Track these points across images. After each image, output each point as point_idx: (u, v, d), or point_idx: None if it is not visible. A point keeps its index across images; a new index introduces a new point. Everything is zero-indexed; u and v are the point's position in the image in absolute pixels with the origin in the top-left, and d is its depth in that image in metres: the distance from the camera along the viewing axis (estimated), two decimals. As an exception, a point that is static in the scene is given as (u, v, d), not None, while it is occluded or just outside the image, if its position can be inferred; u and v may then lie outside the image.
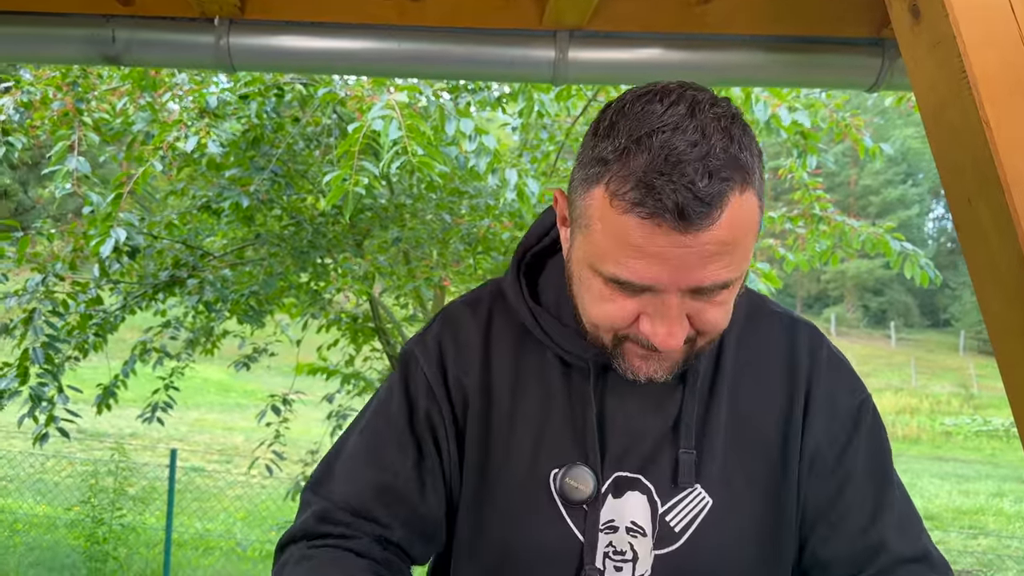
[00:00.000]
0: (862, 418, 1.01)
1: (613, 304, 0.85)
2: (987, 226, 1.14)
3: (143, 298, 4.17)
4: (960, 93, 1.11)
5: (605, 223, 0.81)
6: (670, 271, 0.79)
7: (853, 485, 0.99)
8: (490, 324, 1.03)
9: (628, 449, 0.96)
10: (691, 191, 0.75)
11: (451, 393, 1.00)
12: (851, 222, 4.09)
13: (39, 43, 1.73)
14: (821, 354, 1.02)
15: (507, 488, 0.97)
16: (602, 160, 0.81)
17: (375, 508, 0.97)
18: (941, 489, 12.93)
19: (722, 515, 0.94)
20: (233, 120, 3.32)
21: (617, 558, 0.94)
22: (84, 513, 6.66)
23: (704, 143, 0.76)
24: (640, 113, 0.80)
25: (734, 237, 0.79)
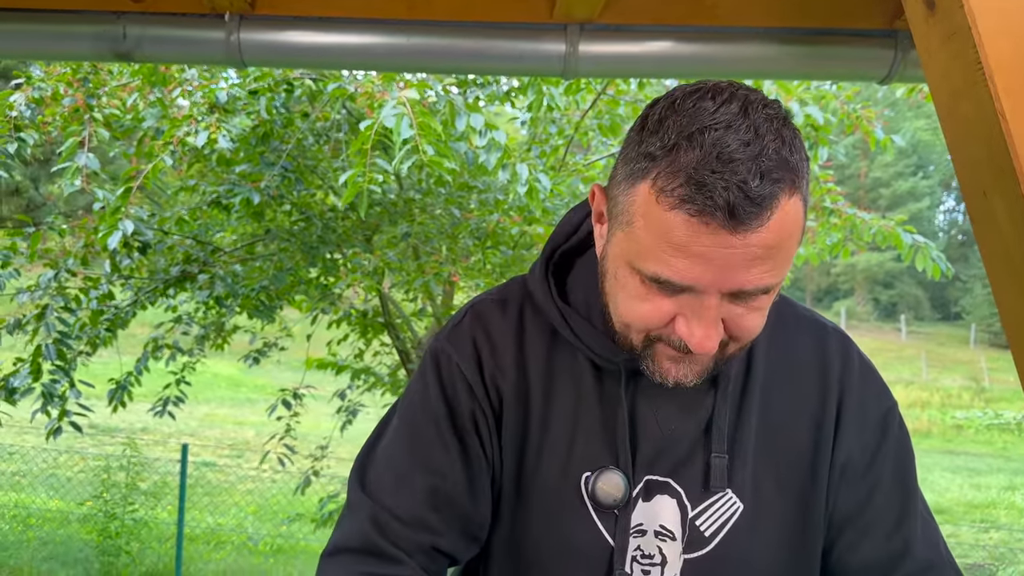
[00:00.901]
0: (890, 426, 1.01)
1: (649, 304, 0.83)
2: (1002, 219, 1.13)
3: (154, 293, 4.19)
4: (975, 84, 1.10)
5: (649, 220, 0.79)
6: (713, 272, 0.77)
7: (881, 492, 0.99)
8: (522, 325, 1.01)
9: (659, 452, 0.95)
10: (743, 191, 0.74)
11: (489, 392, 0.98)
12: (862, 215, 4.07)
13: (51, 40, 1.73)
14: (852, 361, 1.02)
15: (539, 490, 0.96)
16: (650, 156, 0.79)
17: (428, 515, 0.95)
18: (952, 483, 12.88)
19: (753, 520, 0.94)
20: (243, 116, 3.33)
21: (645, 562, 0.94)
22: (97, 508, 6.70)
23: (757, 143, 0.75)
24: (691, 110, 0.78)
25: (780, 241, 0.77)
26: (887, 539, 0.98)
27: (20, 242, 3.70)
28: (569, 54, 1.73)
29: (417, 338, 5.16)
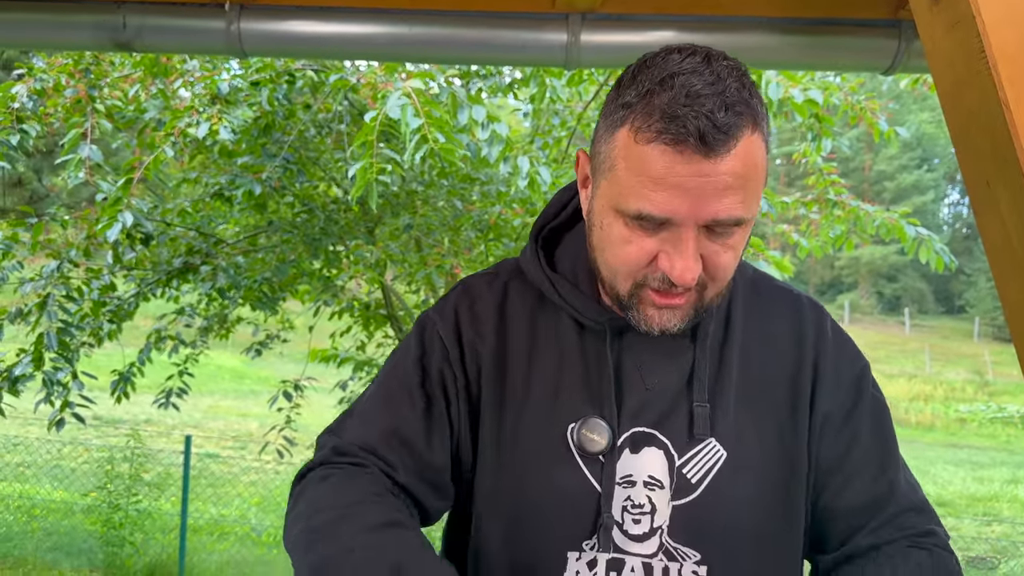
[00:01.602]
0: (864, 384, 1.08)
1: (633, 245, 0.91)
2: (1005, 209, 1.12)
3: (156, 285, 4.20)
4: (979, 74, 1.09)
5: (629, 159, 0.88)
6: (690, 202, 0.86)
7: (861, 443, 1.05)
8: (506, 295, 1.09)
9: (644, 405, 1.00)
10: (710, 120, 0.83)
11: (465, 357, 1.05)
12: (866, 207, 4.05)
13: (51, 29, 1.73)
14: (826, 327, 1.09)
15: (526, 444, 1.01)
16: (626, 104, 0.88)
17: (382, 448, 1.02)
18: (955, 476, 12.88)
19: (736, 467, 0.99)
20: (244, 107, 3.32)
21: (635, 511, 0.98)
22: (100, 499, 6.72)
23: (720, 83, 0.85)
24: (661, 63, 0.88)
25: (746, 171, 0.86)
26: (872, 483, 1.04)
27: (22, 233, 3.70)
28: (571, 44, 1.72)
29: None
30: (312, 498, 0.98)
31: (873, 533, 1.03)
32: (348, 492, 0.96)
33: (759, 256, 3.32)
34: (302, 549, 0.94)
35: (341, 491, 0.97)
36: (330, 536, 0.92)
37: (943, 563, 1.00)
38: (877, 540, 1.02)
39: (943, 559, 1.01)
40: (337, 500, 0.95)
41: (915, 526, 1.03)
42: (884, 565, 0.99)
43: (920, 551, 1.01)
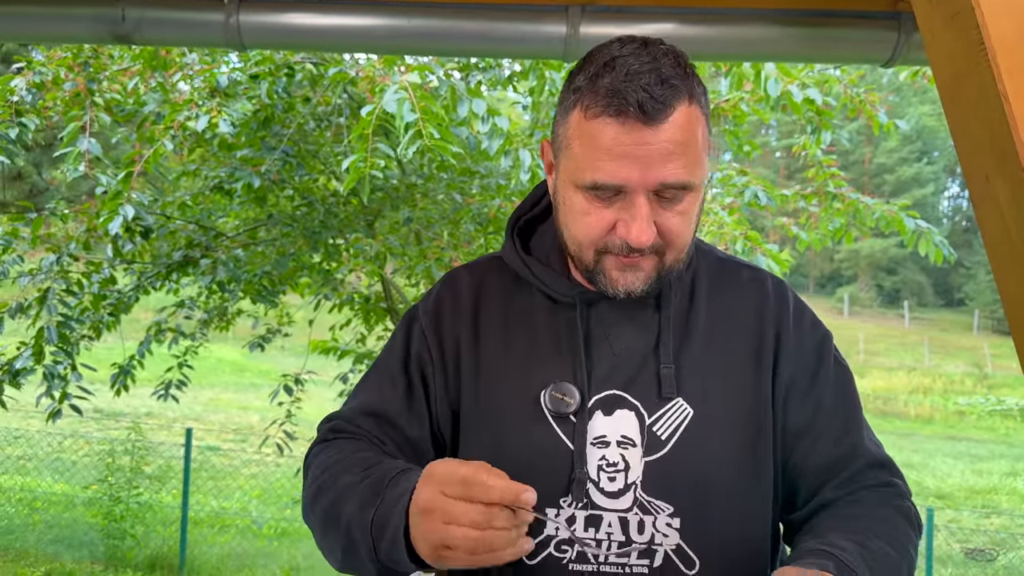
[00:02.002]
0: (826, 352, 1.16)
1: (593, 215, 1.01)
2: (1004, 201, 1.12)
3: (156, 278, 4.19)
4: (978, 65, 1.09)
5: (581, 135, 0.99)
6: (638, 169, 0.96)
7: (826, 405, 1.13)
8: (483, 279, 1.20)
9: (613, 369, 1.09)
10: (648, 92, 0.95)
11: (444, 343, 1.15)
12: (865, 200, 4.04)
13: (50, 22, 1.73)
14: (787, 301, 1.17)
15: (503, 408, 1.10)
16: (576, 88, 1.01)
17: (369, 425, 1.15)
18: (954, 468, 12.90)
19: (702, 423, 1.06)
20: (244, 100, 3.31)
21: (610, 469, 1.05)
22: (102, 492, 6.74)
23: (655, 63, 0.97)
24: (605, 51, 1.01)
25: (686, 138, 0.97)
26: (836, 444, 1.12)
27: (22, 227, 3.70)
28: (570, 36, 1.72)
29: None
30: (315, 468, 1.11)
31: (839, 487, 1.11)
32: (342, 453, 1.09)
33: (756, 250, 3.32)
34: (308, 512, 1.08)
35: (336, 455, 1.09)
36: (326, 489, 1.05)
37: (900, 507, 1.09)
38: (842, 492, 1.11)
39: (902, 506, 1.10)
40: (332, 462, 1.08)
41: (877, 478, 1.12)
42: (849, 506, 1.09)
43: (880, 495, 1.10)
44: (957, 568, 7.94)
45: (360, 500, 0.99)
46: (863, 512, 1.08)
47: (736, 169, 3.94)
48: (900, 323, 33.91)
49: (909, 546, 1.06)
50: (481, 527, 0.86)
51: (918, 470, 12.62)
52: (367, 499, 0.98)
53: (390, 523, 0.94)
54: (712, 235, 3.41)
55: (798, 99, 2.80)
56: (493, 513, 0.87)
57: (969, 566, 8.04)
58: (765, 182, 3.76)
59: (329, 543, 1.04)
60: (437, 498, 0.88)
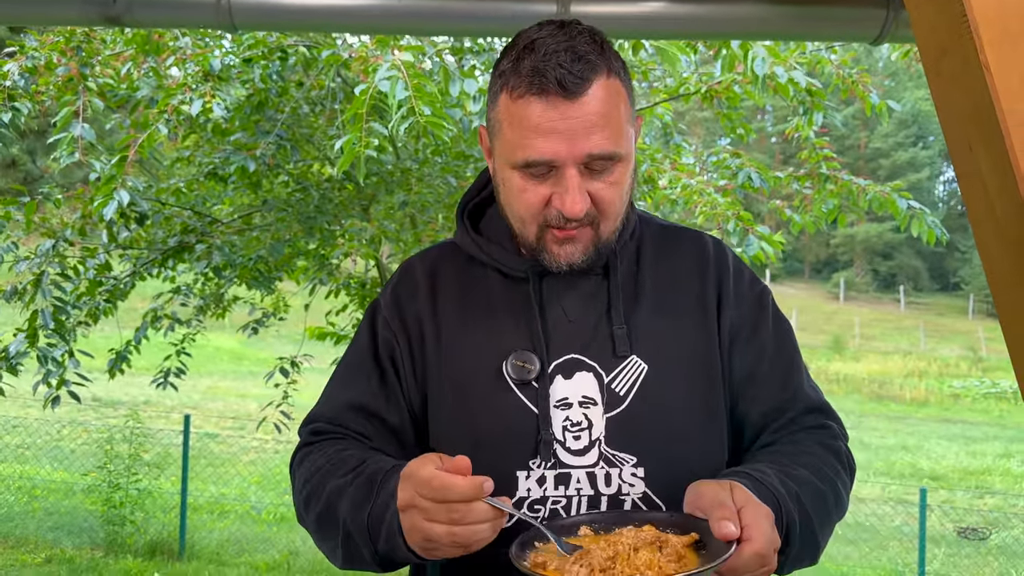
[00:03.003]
0: (765, 304, 1.24)
1: (529, 192, 1.08)
2: (986, 172, 1.14)
3: (152, 264, 4.20)
4: (960, 38, 1.11)
5: (510, 118, 1.06)
6: (565, 143, 1.02)
7: (768, 353, 1.21)
8: (436, 264, 1.25)
9: (569, 336, 1.15)
10: (565, 68, 1.01)
11: (407, 327, 1.20)
12: (858, 181, 4.06)
13: (41, 4, 1.73)
14: (727, 259, 1.25)
15: (467, 381, 1.15)
16: (501, 73, 1.08)
17: (351, 421, 1.18)
18: (948, 450, 12.99)
19: (656, 377, 1.14)
20: (237, 84, 3.31)
21: (575, 429, 1.12)
22: (101, 479, 6.77)
23: (572, 41, 1.04)
24: (525, 35, 1.08)
25: (607, 110, 1.04)
26: (781, 390, 1.20)
27: (15, 212, 3.70)
28: (560, 15, 1.73)
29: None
30: (301, 473, 1.16)
31: (779, 429, 1.19)
32: (327, 455, 1.14)
33: (748, 232, 3.33)
34: (303, 518, 1.15)
35: (318, 461, 1.14)
36: (316, 495, 1.10)
37: (830, 445, 1.18)
38: (782, 433, 1.19)
39: (832, 445, 1.18)
40: (318, 465, 1.13)
41: (814, 421, 1.21)
42: (783, 444, 1.17)
43: (814, 435, 1.19)
44: (951, 547, 8.02)
45: (353, 502, 1.04)
46: (794, 448, 1.15)
47: (730, 151, 3.95)
48: (896, 307, 34.01)
49: (836, 480, 1.13)
50: (458, 523, 0.92)
51: (913, 452, 12.70)
52: (360, 501, 1.03)
53: (384, 521, 1.00)
54: (705, 216, 3.43)
55: (783, 80, 2.80)
56: (467, 509, 0.92)
57: (962, 545, 8.11)
58: (759, 164, 3.77)
59: (329, 545, 1.10)
60: (414, 498, 0.94)
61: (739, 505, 0.94)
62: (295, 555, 6.41)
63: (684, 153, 4.30)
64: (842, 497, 1.14)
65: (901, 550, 7.61)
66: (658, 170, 3.72)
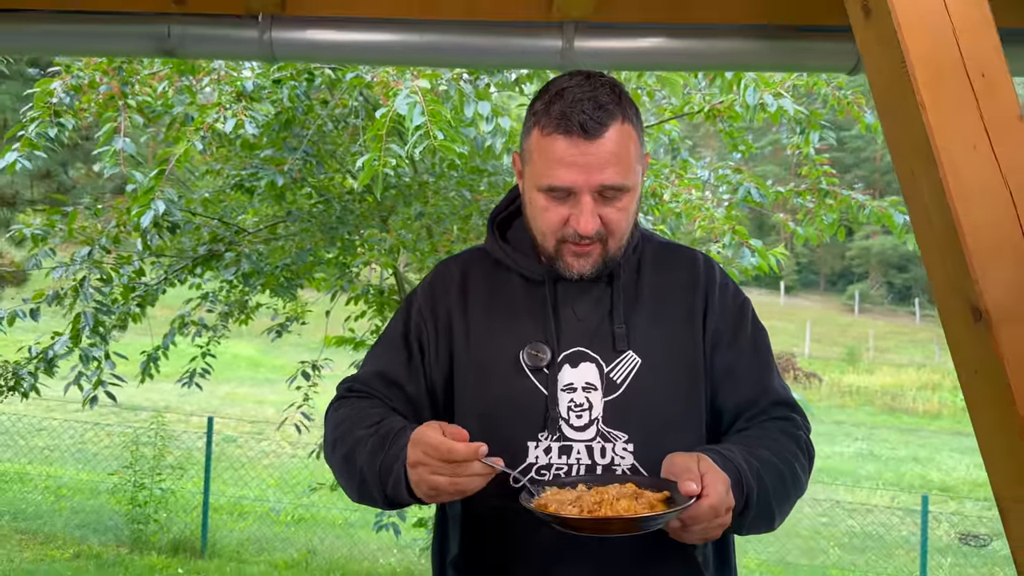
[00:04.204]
0: (746, 311, 1.47)
1: (551, 212, 1.31)
2: (925, 194, 1.32)
3: (182, 272, 4.43)
4: (901, 79, 1.29)
5: (540, 150, 1.29)
6: (584, 175, 1.26)
7: (746, 354, 1.43)
8: (468, 266, 1.47)
9: (577, 331, 1.37)
10: (587, 115, 1.25)
11: (438, 317, 1.42)
12: (856, 196, 4.23)
13: (104, 39, 1.95)
14: (715, 273, 1.46)
15: (490, 364, 1.37)
16: (535, 112, 1.31)
17: (377, 386, 1.40)
18: (960, 463, 13.03)
19: (648, 370, 1.35)
20: (267, 103, 3.53)
21: (577, 409, 1.33)
22: (126, 479, 7.00)
23: (594, 92, 1.27)
24: (557, 83, 1.31)
25: (620, 150, 1.27)
26: (753, 385, 1.42)
27: (58, 220, 3.93)
28: (566, 49, 1.93)
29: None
30: (333, 421, 1.38)
31: (750, 419, 1.41)
32: (355, 409, 1.36)
33: (743, 244, 3.52)
34: (329, 457, 1.37)
35: (351, 410, 1.36)
36: (343, 439, 1.32)
37: (792, 433, 1.38)
38: (752, 423, 1.40)
39: (794, 433, 1.38)
40: (347, 416, 1.35)
41: (780, 413, 1.41)
42: (751, 430, 1.39)
43: (778, 424, 1.39)
44: (956, 557, 8.11)
45: (370, 451, 1.27)
46: (761, 433, 1.37)
47: (732, 167, 4.13)
48: (911, 320, 33.89)
49: (794, 462, 1.34)
50: (459, 475, 1.15)
51: (923, 464, 12.76)
52: (375, 450, 1.26)
53: (393, 470, 1.22)
54: (704, 229, 3.61)
55: (772, 108, 3.00)
56: (465, 467, 1.15)
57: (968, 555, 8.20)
58: (758, 179, 3.96)
59: (346, 481, 1.34)
60: (422, 458, 1.16)
61: (703, 471, 1.17)
62: (313, 554, 6.62)
63: (691, 168, 4.49)
64: (799, 476, 1.35)
65: (907, 559, 7.72)
66: (661, 185, 3.91)
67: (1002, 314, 1.24)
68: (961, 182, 1.26)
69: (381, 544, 6.84)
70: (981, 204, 1.26)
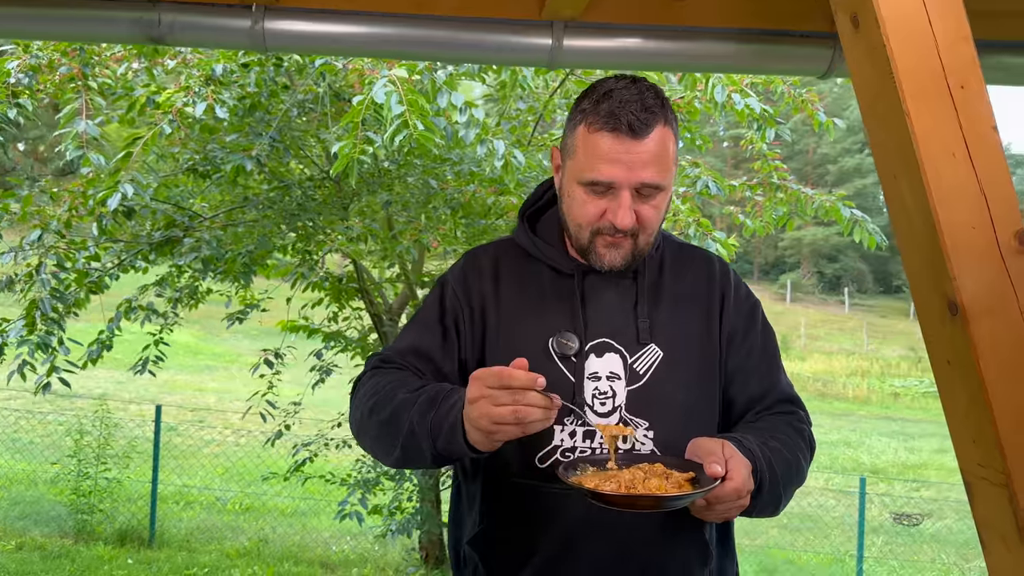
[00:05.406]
0: (756, 314, 1.57)
1: (590, 205, 1.37)
2: (907, 197, 1.42)
3: (138, 257, 4.35)
4: (887, 89, 1.39)
5: (585, 145, 1.36)
6: (625, 171, 1.33)
7: (756, 353, 1.53)
8: (500, 255, 1.53)
9: (603, 323, 1.45)
10: (635, 115, 1.32)
11: (472, 301, 1.48)
12: (806, 190, 4.40)
13: (93, 24, 1.93)
14: (729, 277, 1.56)
15: (520, 351, 1.37)
16: (583, 110, 1.37)
17: (412, 359, 1.46)
18: (888, 446, 13.59)
19: (669, 362, 1.44)
20: (236, 87, 3.50)
21: (602, 396, 1.41)
22: (68, 469, 6.83)
23: (641, 94, 1.34)
24: (604, 85, 1.38)
25: (660, 150, 1.34)
26: (762, 381, 1.53)
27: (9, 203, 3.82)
28: (555, 47, 1.99)
29: (388, 304, 5.38)
30: (368, 387, 1.42)
31: (758, 412, 1.51)
32: (393, 377, 1.41)
33: (707, 236, 3.64)
34: (363, 422, 1.41)
35: (388, 378, 1.41)
36: (384, 403, 1.36)
37: (798, 427, 1.48)
38: (762, 415, 1.50)
39: (799, 427, 1.49)
40: (386, 383, 1.40)
41: (786, 408, 1.51)
42: (765, 422, 1.48)
43: (784, 418, 1.49)
44: (888, 536, 8.49)
45: (420, 409, 1.30)
46: (769, 426, 1.47)
47: (689, 161, 4.25)
48: (840, 309, 35.02)
49: (799, 453, 1.44)
50: (518, 403, 1.17)
51: (855, 447, 13.26)
52: (425, 409, 1.30)
53: (447, 421, 1.26)
54: (668, 221, 3.72)
55: (739, 106, 3.12)
56: (524, 394, 1.17)
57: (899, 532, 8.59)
58: (715, 173, 4.08)
59: (388, 444, 1.37)
60: (483, 390, 1.19)
61: (727, 456, 1.26)
62: (265, 542, 6.57)
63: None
64: (802, 467, 1.45)
65: (843, 538, 8.04)
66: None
67: (977, 309, 1.35)
68: (941, 186, 1.36)
69: (334, 531, 6.84)
70: (959, 207, 1.36)
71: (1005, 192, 1.33)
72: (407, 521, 5.11)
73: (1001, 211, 1.32)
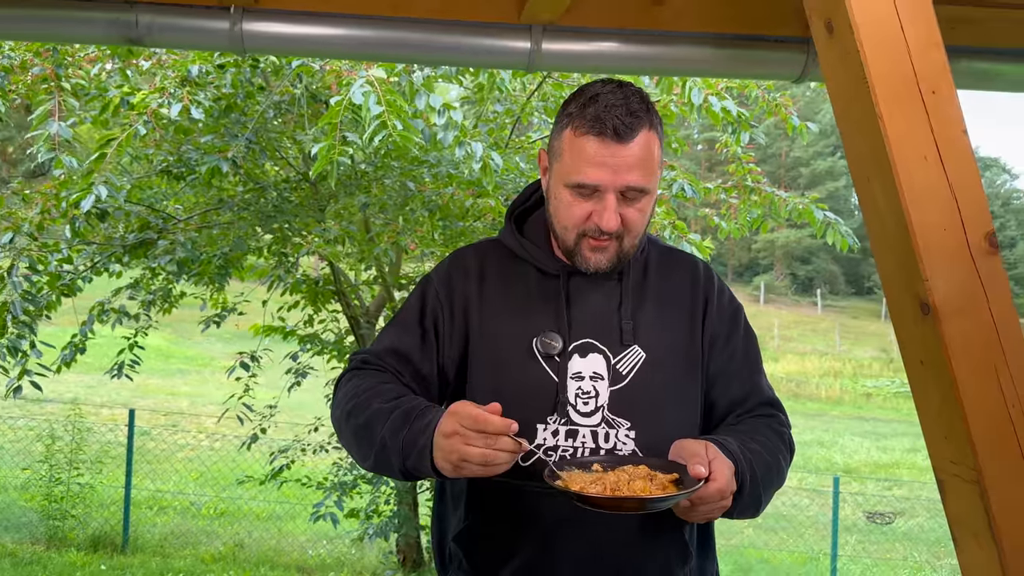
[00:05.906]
0: (739, 319, 1.58)
1: (576, 207, 1.39)
2: (880, 200, 1.45)
3: (111, 259, 4.30)
4: (861, 93, 1.42)
5: (571, 149, 1.37)
6: (610, 174, 1.34)
7: (738, 356, 1.55)
8: (485, 255, 1.54)
9: (587, 323, 1.46)
10: (620, 120, 1.33)
11: (454, 301, 1.49)
12: (780, 193, 4.46)
13: (69, 24, 1.91)
14: (713, 281, 1.57)
15: (504, 351, 1.46)
16: (570, 114, 1.39)
17: (391, 361, 1.47)
18: (861, 446, 13.76)
19: (652, 363, 1.45)
20: (211, 89, 3.47)
21: (585, 396, 1.42)
22: (40, 474, 6.73)
23: (626, 99, 1.35)
24: (591, 89, 1.39)
25: (645, 154, 1.36)
26: (743, 384, 1.54)
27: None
28: (533, 51, 2.00)
29: (365, 306, 5.37)
30: (347, 390, 1.43)
31: (739, 415, 1.52)
32: (371, 382, 1.42)
33: (682, 238, 3.68)
34: (342, 423, 1.42)
35: (366, 382, 1.42)
36: (359, 410, 1.37)
37: (778, 430, 1.50)
38: (743, 418, 1.52)
39: (779, 429, 1.50)
40: (364, 387, 1.40)
41: (766, 411, 1.53)
42: (746, 425, 1.50)
43: (765, 421, 1.51)
44: (861, 534, 8.60)
45: (392, 424, 1.32)
46: (750, 428, 1.48)
47: (664, 164, 4.28)
48: (813, 310, 35.39)
49: (779, 455, 1.46)
50: (490, 447, 1.20)
51: (827, 447, 13.41)
52: (398, 424, 1.31)
53: (418, 444, 1.28)
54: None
55: (716, 109, 3.15)
56: (496, 439, 1.20)
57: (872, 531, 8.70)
58: (691, 176, 4.12)
59: (362, 451, 1.39)
60: (458, 428, 1.22)
61: (710, 457, 1.27)
62: (240, 547, 6.52)
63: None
64: (782, 468, 1.47)
65: (816, 537, 8.13)
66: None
67: (948, 309, 1.38)
68: (913, 189, 1.39)
69: (311, 535, 6.80)
70: (930, 209, 1.39)
71: (975, 195, 1.36)
72: (385, 524, 5.10)
73: (972, 213, 1.35)
